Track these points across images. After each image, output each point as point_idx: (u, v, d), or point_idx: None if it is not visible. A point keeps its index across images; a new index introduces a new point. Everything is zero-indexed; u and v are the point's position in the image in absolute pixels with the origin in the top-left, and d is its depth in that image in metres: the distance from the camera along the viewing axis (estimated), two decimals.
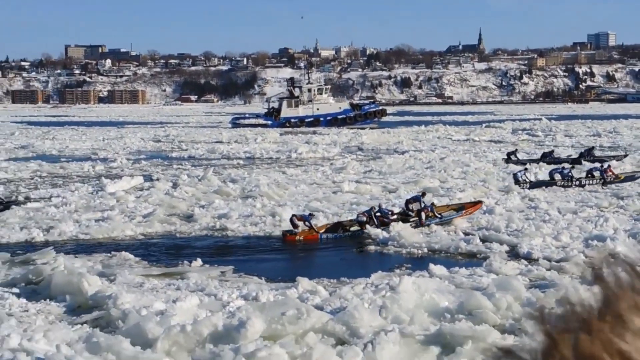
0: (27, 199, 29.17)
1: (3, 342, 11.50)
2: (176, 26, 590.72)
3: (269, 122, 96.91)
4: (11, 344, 11.44)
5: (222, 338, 11.65)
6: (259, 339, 11.51)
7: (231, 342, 11.36)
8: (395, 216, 22.44)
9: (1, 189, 32.78)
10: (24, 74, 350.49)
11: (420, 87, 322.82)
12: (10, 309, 14.19)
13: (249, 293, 14.92)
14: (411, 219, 22.45)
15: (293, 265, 18.82)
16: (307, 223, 21.42)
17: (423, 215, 22.32)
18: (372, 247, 20.45)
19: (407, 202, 23.65)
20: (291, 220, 21.58)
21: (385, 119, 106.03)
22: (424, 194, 24.46)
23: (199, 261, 18.25)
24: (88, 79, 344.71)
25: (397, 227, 21.21)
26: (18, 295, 15.18)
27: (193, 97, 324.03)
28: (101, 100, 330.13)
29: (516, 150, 44.08)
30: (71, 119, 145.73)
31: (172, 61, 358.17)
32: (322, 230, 21.79)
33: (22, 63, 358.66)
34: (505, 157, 42.49)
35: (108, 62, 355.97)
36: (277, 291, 15.04)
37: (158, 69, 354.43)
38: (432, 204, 23.65)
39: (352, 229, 22.08)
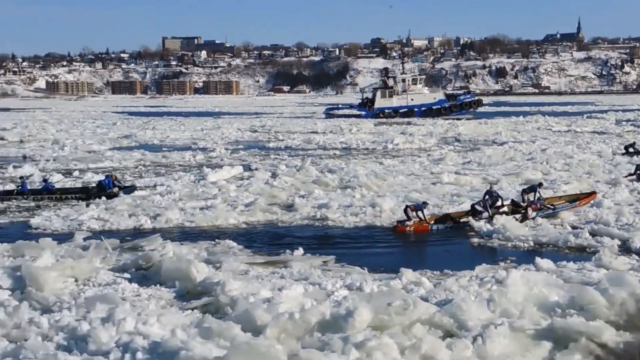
0: (133, 186, 30.09)
1: (119, 325, 11.91)
2: (270, 18, 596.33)
3: (363, 113, 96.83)
4: (127, 328, 11.83)
5: (330, 327, 11.71)
6: (366, 329, 11.53)
7: (339, 331, 11.40)
8: (505, 206, 22.11)
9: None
10: (123, 66, 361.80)
11: (515, 77, 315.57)
12: (123, 294, 14.61)
13: (352, 283, 14.95)
14: (521, 210, 22.02)
15: (395, 256, 18.66)
16: (419, 213, 21.32)
17: (530, 210, 21.81)
18: (475, 240, 20.08)
19: (523, 192, 23.41)
20: (405, 211, 21.51)
21: (481, 109, 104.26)
22: (540, 185, 24.01)
23: (301, 250, 18.37)
24: (184, 70, 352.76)
25: (502, 220, 20.80)
26: (130, 280, 15.61)
27: (285, 88, 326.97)
28: (196, 91, 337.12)
29: (634, 142, 42.50)
30: (169, 110, 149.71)
31: (266, 52, 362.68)
32: (432, 222, 21.62)
33: (122, 55, 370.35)
34: (624, 150, 41.24)
35: (203, 53, 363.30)
36: (381, 282, 15.00)
37: (252, 60, 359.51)
38: (540, 197, 23.11)
39: (461, 220, 21.79)
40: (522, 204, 22.53)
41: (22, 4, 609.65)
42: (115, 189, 27.96)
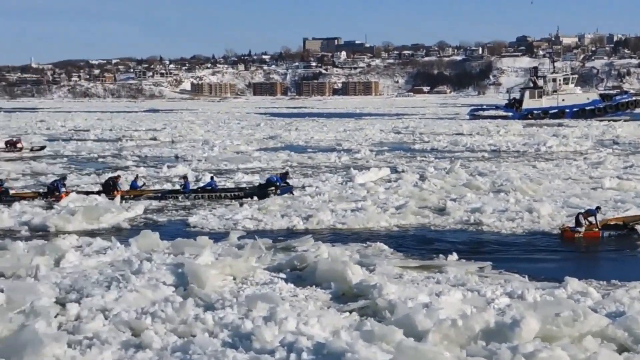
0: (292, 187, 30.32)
1: (281, 324, 12.04)
2: (410, 17, 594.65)
3: (510, 114, 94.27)
4: (289, 327, 11.94)
5: (494, 336, 11.33)
6: (534, 340, 11.08)
7: (504, 340, 11.02)
8: None
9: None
10: (265, 67, 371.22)
11: None
12: (281, 293, 14.73)
13: (513, 291, 14.41)
14: None
15: (556, 263, 17.91)
16: (591, 219, 20.44)
17: None
18: None
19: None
20: (576, 218, 20.67)
21: (639, 110, 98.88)
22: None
23: (455, 255, 17.95)
24: (324, 71, 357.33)
25: None
26: (285, 280, 15.74)
27: (425, 89, 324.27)
28: (335, 92, 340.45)
29: None
30: (310, 111, 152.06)
31: (406, 52, 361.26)
32: (602, 227, 20.63)
33: (263, 56, 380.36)
34: None
35: (343, 54, 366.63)
36: (544, 290, 14.41)
37: (391, 60, 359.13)
38: None
39: (637, 226, 20.61)
40: None
41: (170, 7, 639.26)
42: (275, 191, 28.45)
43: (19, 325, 12.27)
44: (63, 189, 28.58)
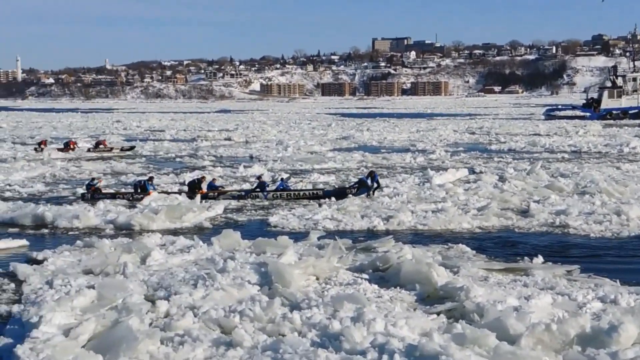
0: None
1: (369, 326, 11.97)
2: (482, 16, 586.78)
3: (588, 114, 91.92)
4: (377, 328, 11.87)
5: (590, 341, 11.05)
6: (634, 346, 10.78)
7: (601, 346, 10.74)
8: None
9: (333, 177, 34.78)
10: (334, 67, 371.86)
11: None
12: (365, 294, 14.66)
13: (605, 295, 13.99)
14: None
15: None
16: None
17: None
18: None
19: None
20: None
21: None
22: None
23: (540, 258, 17.56)
24: (392, 71, 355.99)
25: None
26: (369, 281, 15.68)
27: (496, 88, 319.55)
28: (404, 92, 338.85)
29: None
30: (380, 111, 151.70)
31: (477, 51, 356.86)
32: None
33: (332, 57, 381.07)
34: None
35: (412, 54, 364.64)
36: (638, 295, 13.96)
37: (462, 60, 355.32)
38: None
39: None
40: None
41: (241, 9, 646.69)
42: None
43: (112, 322, 12.52)
44: (151, 188, 29.20)
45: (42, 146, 52.74)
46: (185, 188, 30.18)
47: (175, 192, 29.21)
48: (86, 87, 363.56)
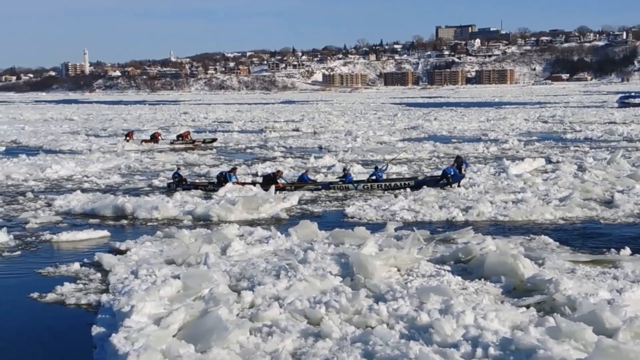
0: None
1: (459, 318, 11.80)
2: (549, 1, 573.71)
3: None
4: (467, 321, 11.69)
5: None
6: None
7: None
8: None
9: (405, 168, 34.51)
10: (396, 57, 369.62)
11: None
12: (450, 286, 14.49)
13: None
14: None
15: None
16: None
17: None
18: None
19: None
20: None
21: None
22: None
23: (628, 250, 17.08)
24: (457, 60, 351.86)
25: None
26: (452, 273, 15.49)
27: (564, 76, 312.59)
28: (468, 80, 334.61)
29: None
30: (446, 100, 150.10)
31: (544, 38, 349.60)
32: None
33: (395, 46, 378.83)
34: None
35: (477, 42, 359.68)
36: None
37: (528, 47, 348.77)
38: None
39: None
40: None
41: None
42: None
43: (201, 312, 12.64)
44: (234, 179, 29.35)
45: (129, 138, 53.57)
46: (259, 179, 30.34)
47: (249, 183, 29.38)
48: (151, 79, 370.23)
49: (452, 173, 28.07)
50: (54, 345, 12.37)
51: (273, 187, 27.28)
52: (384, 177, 30.07)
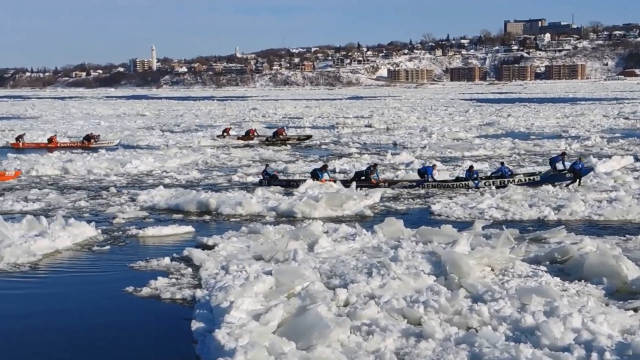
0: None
1: (565, 321, 11.41)
2: None
3: None
4: (574, 324, 11.32)
5: None
6: None
7: None
8: None
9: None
10: (463, 52, 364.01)
11: None
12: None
13: None
14: None
15: None
16: None
17: None
18: None
19: None
20: None
21: None
22: None
23: None
24: (525, 55, 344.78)
25: None
26: (549, 273, 15.06)
27: (638, 71, 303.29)
28: (537, 76, 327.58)
29: None
30: (519, 96, 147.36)
31: (617, 32, 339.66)
32: None
33: (462, 41, 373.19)
34: None
35: (547, 36, 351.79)
36: None
37: (600, 42, 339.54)
38: None
39: None
40: None
41: None
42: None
43: (297, 309, 12.54)
44: (325, 176, 29.26)
45: (226, 133, 53.71)
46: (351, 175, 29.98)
47: (330, 180, 29.12)
48: (217, 75, 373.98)
49: (580, 167, 27.04)
50: (154, 339, 12.48)
51: (354, 184, 27.06)
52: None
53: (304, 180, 29.01)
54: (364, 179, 28.43)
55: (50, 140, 51.30)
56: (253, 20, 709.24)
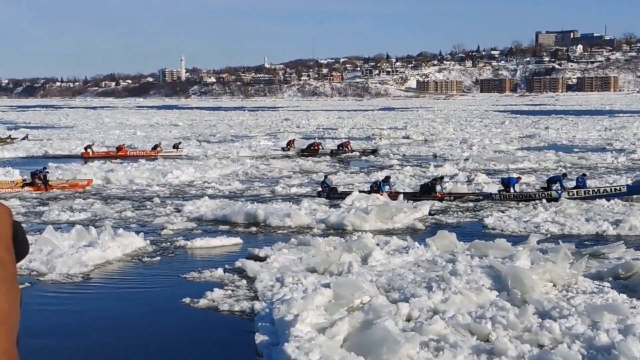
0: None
1: None
2: None
3: None
4: None
5: None
6: None
7: None
8: None
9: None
10: (493, 63, 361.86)
11: None
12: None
13: None
14: None
15: None
16: None
17: None
18: None
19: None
20: None
21: None
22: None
23: None
24: (557, 66, 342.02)
25: None
26: (614, 290, 14.66)
27: None
28: (569, 88, 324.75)
29: None
30: (553, 108, 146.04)
31: None
32: None
33: (492, 52, 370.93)
34: None
35: (579, 47, 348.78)
36: None
37: (634, 53, 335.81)
38: None
39: None
40: None
41: (398, 3, 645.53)
42: None
43: (362, 322, 12.32)
44: (387, 188, 28.94)
45: (290, 146, 53.05)
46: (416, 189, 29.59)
47: (403, 193, 28.48)
48: (245, 85, 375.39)
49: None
50: (218, 352, 12.35)
51: (401, 196, 26.75)
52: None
53: (367, 192, 28.41)
54: (428, 192, 27.98)
55: (119, 149, 51.72)
56: (282, 30, 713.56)
